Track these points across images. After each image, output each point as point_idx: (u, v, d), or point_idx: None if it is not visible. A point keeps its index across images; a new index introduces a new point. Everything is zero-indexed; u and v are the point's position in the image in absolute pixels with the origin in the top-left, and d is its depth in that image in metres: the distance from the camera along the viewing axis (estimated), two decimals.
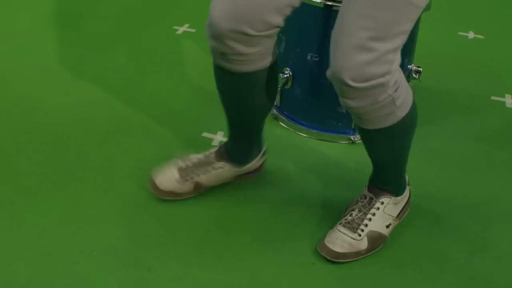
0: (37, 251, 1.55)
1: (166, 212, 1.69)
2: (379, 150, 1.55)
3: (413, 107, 1.48)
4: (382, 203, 1.60)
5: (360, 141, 1.79)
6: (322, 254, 1.55)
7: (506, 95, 2.25)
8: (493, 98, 2.24)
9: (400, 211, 1.64)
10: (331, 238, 1.56)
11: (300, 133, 2.02)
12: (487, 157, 1.95)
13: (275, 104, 2.05)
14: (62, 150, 1.90)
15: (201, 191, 1.73)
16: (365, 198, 1.61)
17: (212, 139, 1.97)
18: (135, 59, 2.38)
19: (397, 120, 1.44)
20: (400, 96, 1.41)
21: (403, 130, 1.50)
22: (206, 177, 1.72)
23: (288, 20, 1.88)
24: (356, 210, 1.60)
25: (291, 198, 1.76)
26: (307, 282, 1.51)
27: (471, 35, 2.66)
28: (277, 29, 1.47)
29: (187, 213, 1.68)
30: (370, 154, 1.58)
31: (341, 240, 1.55)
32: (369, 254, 1.57)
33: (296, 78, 1.96)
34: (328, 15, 1.81)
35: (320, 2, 1.81)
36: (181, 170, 1.70)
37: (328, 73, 1.38)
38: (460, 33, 2.67)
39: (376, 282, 1.51)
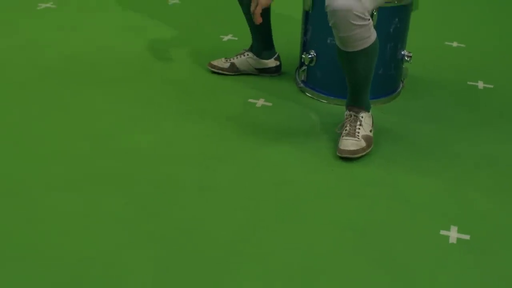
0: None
1: (232, 129, 2.38)
2: (359, 68, 2.24)
3: (376, 36, 2.22)
4: (362, 117, 2.35)
5: None
6: (344, 155, 2.26)
7: (479, 81, 2.93)
8: (469, 83, 2.92)
9: (372, 121, 2.38)
10: (344, 145, 2.27)
11: (322, 100, 2.70)
12: (462, 119, 2.61)
13: (302, 79, 2.75)
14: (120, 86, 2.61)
15: (235, 71, 2.86)
16: (351, 116, 2.36)
17: (255, 103, 2.66)
18: (192, 56, 3.09)
19: (371, 42, 2.19)
20: (372, 26, 2.17)
21: (374, 50, 2.23)
22: (237, 60, 2.86)
23: (313, 14, 2.60)
24: (348, 125, 2.34)
25: (319, 137, 2.43)
26: (329, 183, 2.17)
27: (455, 44, 3.36)
28: None
29: (245, 135, 2.37)
30: (351, 76, 2.28)
31: (350, 143, 2.27)
32: (368, 150, 2.30)
33: (319, 57, 2.66)
34: None
35: None
36: (226, 58, 2.88)
37: (335, 6, 2.09)
38: (446, 42, 3.37)
39: (377, 183, 2.17)
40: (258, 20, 2.28)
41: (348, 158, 2.29)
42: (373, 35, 2.20)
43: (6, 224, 1.91)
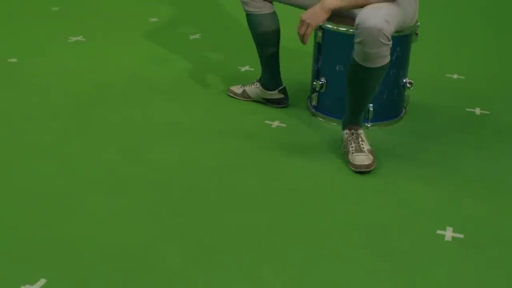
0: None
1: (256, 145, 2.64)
2: (369, 85, 2.51)
3: (389, 59, 2.50)
4: (361, 133, 2.64)
5: (371, 126, 2.89)
6: (361, 169, 2.52)
7: (476, 108, 3.19)
8: (467, 109, 3.18)
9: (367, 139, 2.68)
10: (358, 160, 2.53)
11: (332, 123, 2.96)
12: (460, 139, 2.86)
13: (314, 104, 3.01)
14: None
15: (246, 97, 3.17)
16: (352, 134, 2.63)
17: (271, 124, 2.92)
18: (213, 83, 3.37)
19: (387, 62, 2.45)
20: (390, 48, 2.44)
21: (385, 70, 2.50)
22: (248, 88, 3.17)
23: (323, 45, 2.87)
24: (353, 142, 2.60)
25: (328, 152, 2.69)
26: (337, 190, 2.41)
27: (455, 76, 3.62)
28: None
29: (261, 149, 2.63)
30: (357, 94, 2.55)
31: (363, 158, 2.54)
32: (376, 163, 2.57)
33: (329, 84, 2.93)
34: (349, 38, 2.79)
35: (345, 30, 2.80)
36: (242, 85, 3.21)
37: (368, 25, 2.36)
38: (447, 74, 3.64)
39: (381, 191, 2.41)
40: (307, 41, 2.57)
41: (363, 172, 2.54)
42: (389, 56, 2.47)
43: (58, 219, 2.18)
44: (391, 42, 2.43)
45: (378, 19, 2.37)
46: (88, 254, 2.01)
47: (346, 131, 2.66)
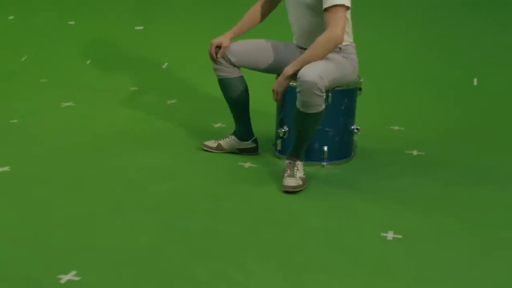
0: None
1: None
2: (307, 127, 3.13)
3: (324, 109, 3.13)
4: (298, 164, 3.24)
5: (326, 165, 3.48)
6: (286, 189, 3.12)
7: (414, 150, 3.82)
8: (405, 151, 3.80)
9: (303, 168, 3.28)
10: (287, 182, 3.15)
11: None
12: (399, 170, 3.46)
13: (278, 148, 3.60)
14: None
15: (220, 149, 3.68)
16: (290, 163, 3.23)
17: (244, 165, 3.49)
18: (191, 138, 3.94)
19: (321, 109, 3.09)
20: (324, 99, 3.07)
21: (320, 117, 3.13)
22: (223, 141, 3.68)
23: (286, 98, 3.50)
24: (288, 170, 3.21)
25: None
26: (301, 208, 2.97)
27: (396, 127, 4.26)
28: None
29: (238, 183, 3.19)
30: (298, 133, 3.18)
31: (292, 181, 3.15)
32: (304, 187, 3.18)
33: (290, 131, 3.52)
34: None
35: None
36: (215, 140, 3.72)
37: (305, 79, 3.00)
38: (390, 126, 4.27)
39: (336, 207, 2.98)
40: (280, 102, 3.34)
41: (289, 192, 3.15)
42: (323, 106, 3.10)
43: (84, 229, 2.70)
44: (324, 94, 3.07)
45: (313, 75, 3.02)
46: (108, 253, 2.52)
47: (287, 161, 3.27)
